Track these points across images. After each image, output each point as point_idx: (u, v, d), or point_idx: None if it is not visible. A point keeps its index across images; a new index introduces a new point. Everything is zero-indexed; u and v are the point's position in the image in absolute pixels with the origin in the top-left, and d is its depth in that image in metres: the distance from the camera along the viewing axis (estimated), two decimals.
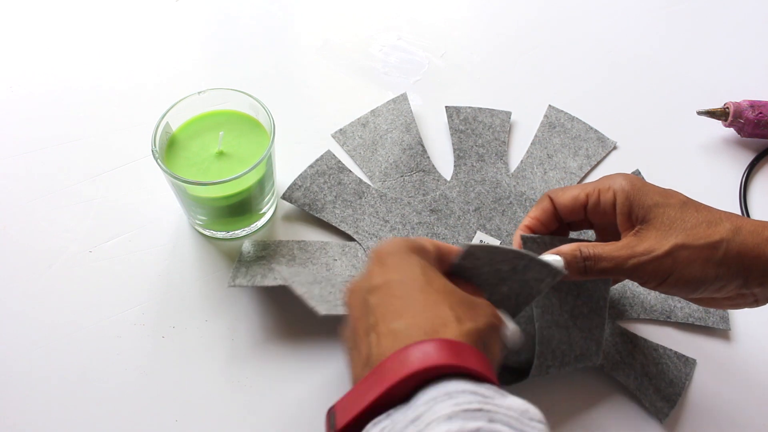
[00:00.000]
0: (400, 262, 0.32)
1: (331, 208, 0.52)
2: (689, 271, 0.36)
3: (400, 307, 0.30)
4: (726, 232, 0.36)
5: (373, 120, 0.59)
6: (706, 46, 0.69)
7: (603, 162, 0.59)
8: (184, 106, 0.48)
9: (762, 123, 0.58)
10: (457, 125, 0.58)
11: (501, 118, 0.60)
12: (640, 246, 0.37)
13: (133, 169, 0.56)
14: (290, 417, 0.44)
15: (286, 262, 0.49)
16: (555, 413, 0.45)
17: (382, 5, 0.71)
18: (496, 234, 0.53)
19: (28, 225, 0.52)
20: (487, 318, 0.32)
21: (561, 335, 0.43)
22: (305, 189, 0.53)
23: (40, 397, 0.45)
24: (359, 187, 0.54)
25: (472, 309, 0.31)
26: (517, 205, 0.54)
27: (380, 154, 0.57)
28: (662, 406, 0.45)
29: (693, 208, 0.37)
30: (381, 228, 0.52)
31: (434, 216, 0.53)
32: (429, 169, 0.56)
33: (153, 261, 0.51)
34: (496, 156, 0.57)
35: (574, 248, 0.38)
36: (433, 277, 0.32)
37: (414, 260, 0.33)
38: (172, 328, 0.48)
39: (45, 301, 0.48)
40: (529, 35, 0.69)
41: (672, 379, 0.46)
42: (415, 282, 0.31)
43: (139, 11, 0.68)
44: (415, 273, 0.32)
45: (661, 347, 0.48)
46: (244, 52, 0.66)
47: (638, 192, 0.38)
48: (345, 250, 0.51)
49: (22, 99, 0.60)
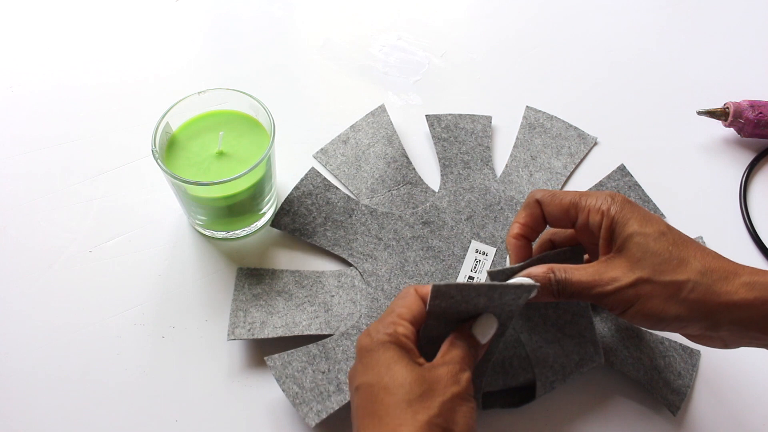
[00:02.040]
0: (372, 361, 0.36)
1: (321, 232, 0.51)
2: (650, 306, 0.36)
3: (370, 412, 0.34)
4: (693, 273, 0.35)
5: (353, 135, 0.58)
6: (706, 45, 0.69)
7: (603, 163, 0.59)
8: (184, 106, 0.48)
9: (762, 123, 0.58)
10: (439, 133, 0.58)
11: (482, 123, 0.59)
12: (607, 274, 0.37)
13: (133, 169, 0.56)
14: (290, 417, 0.44)
15: (284, 302, 0.48)
16: (558, 414, 0.45)
17: (382, 5, 0.71)
18: (491, 241, 0.52)
19: (28, 225, 0.52)
20: (444, 394, 0.34)
21: (555, 350, 0.43)
22: (293, 213, 0.51)
23: (41, 397, 0.45)
24: (348, 205, 0.52)
25: (428, 393, 0.34)
26: (508, 210, 0.54)
27: (365, 170, 0.56)
28: (674, 399, 0.45)
29: (670, 240, 0.37)
30: (375, 247, 0.51)
31: (427, 228, 0.52)
32: (416, 181, 0.55)
33: (153, 261, 0.51)
34: (482, 162, 0.57)
35: (546, 271, 0.38)
36: (395, 373, 0.35)
37: (383, 357, 0.36)
38: (172, 328, 0.48)
39: (45, 301, 0.49)
40: (529, 35, 0.69)
41: (680, 371, 0.46)
42: (380, 383, 0.35)
43: (139, 11, 0.68)
44: (381, 374, 0.35)
45: (666, 340, 0.48)
46: (244, 52, 0.66)
47: (621, 219, 0.37)
48: (341, 281, 0.50)
49: (22, 99, 0.60)
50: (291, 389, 0.43)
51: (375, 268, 0.50)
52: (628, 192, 0.56)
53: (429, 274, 0.50)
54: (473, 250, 0.52)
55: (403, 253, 0.51)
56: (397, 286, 0.50)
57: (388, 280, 0.50)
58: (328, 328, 0.47)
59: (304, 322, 0.47)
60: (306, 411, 0.43)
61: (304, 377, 0.44)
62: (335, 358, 0.45)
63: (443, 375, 0.35)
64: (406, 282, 0.50)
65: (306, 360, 0.45)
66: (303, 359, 0.45)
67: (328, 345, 0.46)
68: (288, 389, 0.43)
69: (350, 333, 0.47)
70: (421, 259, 0.51)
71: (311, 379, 0.44)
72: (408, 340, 0.37)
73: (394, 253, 0.51)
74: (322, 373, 0.44)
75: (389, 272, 0.50)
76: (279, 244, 0.52)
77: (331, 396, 0.43)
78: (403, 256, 0.51)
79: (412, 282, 0.50)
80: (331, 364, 0.45)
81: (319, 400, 0.43)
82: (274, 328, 0.46)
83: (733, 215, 0.56)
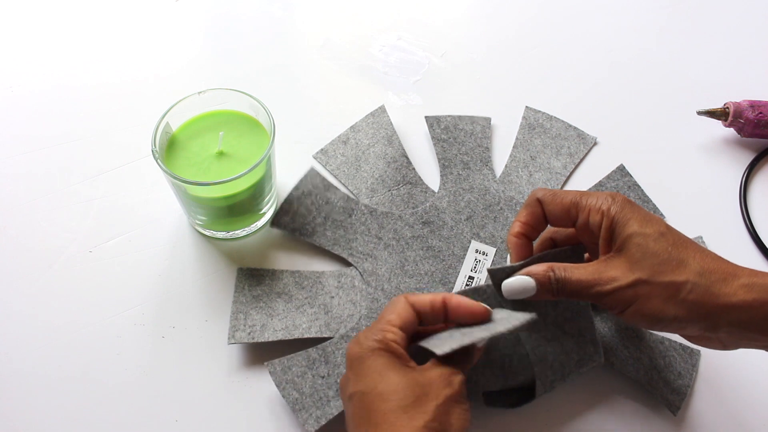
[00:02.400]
0: (363, 369, 0.36)
1: (321, 231, 0.51)
2: (648, 306, 0.36)
3: (366, 420, 0.35)
4: (692, 275, 0.35)
5: (353, 136, 0.58)
6: (706, 45, 0.69)
7: (602, 163, 0.59)
8: (184, 106, 0.48)
9: (762, 123, 0.58)
10: (438, 135, 0.58)
11: (481, 124, 0.59)
12: (606, 274, 0.37)
13: (133, 169, 0.56)
14: (290, 417, 0.44)
15: (284, 304, 0.48)
16: (558, 414, 0.45)
17: (382, 5, 0.71)
18: (491, 241, 0.52)
19: (28, 225, 0.52)
20: (438, 397, 0.35)
21: (554, 348, 0.43)
22: (293, 213, 0.51)
23: (41, 397, 0.45)
24: (348, 205, 0.52)
25: (422, 397, 0.35)
26: (508, 210, 0.54)
27: (364, 170, 0.56)
28: (674, 399, 0.45)
29: (669, 241, 0.37)
30: (375, 246, 0.51)
31: (427, 228, 0.52)
32: (416, 181, 0.56)
33: (153, 261, 0.51)
34: (481, 163, 0.57)
35: (546, 269, 0.38)
36: (388, 380, 0.35)
37: (375, 364, 0.36)
38: (172, 328, 0.48)
39: (45, 301, 0.49)
40: (529, 35, 0.69)
41: (680, 371, 0.47)
42: (374, 391, 0.35)
43: (139, 11, 0.68)
44: (374, 381, 0.35)
45: (666, 340, 0.48)
46: (244, 51, 0.66)
47: (621, 219, 0.38)
48: (341, 282, 0.50)
49: (22, 99, 0.60)
50: (291, 395, 0.44)
51: (375, 268, 0.50)
52: (628, 192, 0.56)
53: (429, 273, 0.50)
54: (473, 250, 0.52)
55: (403, 253, 0.51)
56: (397, 285, 0.50)
57: (388, 280, 0.50)
58: (328, 330, 0.47)
59: (304, 324, 0.47)
60: (305, 417, 0.43)
61: (304, 382, 0.44)
62: (335, 362, 0.45)
63: (436, 378, 0.36)
64: (406, 281, 0.50)
65: (306, 364, 0.45)
66: (302, 364, 0.45)
67: (328, 349, 0.46)
68: (288, 395, 0.44)
69: (350, 335, 0.47)
70: (421, 259, 0.51)
71: (311, 384, 0.44)
72: (398, 346, 0.37)
73: (394, 253, 0.51)
74: (322, 377, 0.44)
75: (389, 272, 0.50)
76: (279, 244, 0.52)
77: (330, 401, 0.44)
78: (403, 255, 0.51)
79: (412, 281, 0.50)
80: (330, 368, 0.45)
81: (318, 406, 0.43)
82: (274, 332, 0.46)
83: (733, 215, 0.56)
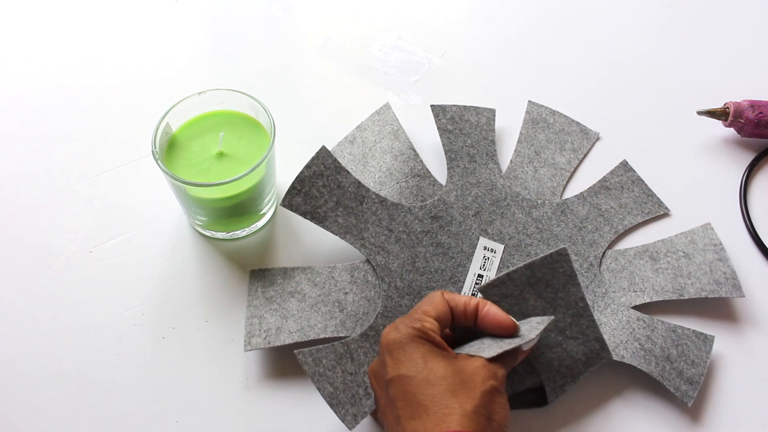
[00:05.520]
0: (406, 355, 0.37)
1: (333, 217, 0.49)
2: None
3: (413, 403, 0.35)
4: None
5: (360, 135, 0.58)
6: (706, 45, 0.69)
7: (604, 164, 0.59)
8: (185, 107, 0.48)
9: (762, 123, 0.58)
10: (444, 125, 0.57)
11: (486, 116, 0.59)
12: None
13: (133, 169, 0.56)
14: (290, 417, 0.44)
15: (297, 304, 0.48)
16: (563, 412, 0.45)
17: (382, 5, 0.71)
18: (499, 238, 0.52)
19: (28, 225, 0.52)
20: (483, 385, 0.36)
21: (558, 354, 0.43)
22: (305, 194, 0.49)
23: (41, 397, 0.45)
24: (359, 191, 0.51)
25: (469, 384, 0.36)
26: (515, 206, 0.54)
27: (372, 165, 0.56)
28: (687, 389, 0.45)
29: None
30: (386, 239, 0.50)
31: (436, 223, 0.52)
32: (424, 173, 0.55)
33: (153, 261, 0.51)
34: (487, 156, 0.57)
35: None
36: (434, 366, 0.36)
37: (417, 350, 0.37)
38: (172, 329, 0.48)
39: (45, 301, 0.49)
40: (529, 35, 0.69)
41: (693, 359, 0.46)
42: (419, 376, 0.36)
43: (139, 11, 0.68)
44: (418, 366, 0.36)
45: (679, 327, 0.47)
46: (244, 52, 0.66)
47: None
48: (354, 276, 0.49)
49: (22, 99, 0.60)
50: (326, 388, 0.42)
51: (387, 262, 0.49)
52: (632, 187, 0.56)
53: (439, 271, 0.50)
54: (482, 247, 0.52)
55: (413, 248, 0.51)
56: (410, 283, 0.49)
57: (401, 277, 0.49)
58: (344, 329, 0.46)
59: (319, 324, 0.46)
60: (343, 413, 0.42)
61: (336, 377, 0.43)
62: (359, 360, 0.44)
63: (480, 368, 0.37)
64: (418, 279, 0.49)
65: (334, 358, 0.44)
66: (331, 357, 0.44)
67: (352, 346, 0.45)
68: (323, 388, 0.42)
69: (369, 334, 0.46)
70: (431, 256, 0.50)
71: (341, 379, 0.43)
72: (435, 335, 0.38)
73: (405, 248, 0.50)
74: (350, 374, 0.43)
75: (401, 267, 0.50)
76: (279, 244, 0.52)
77: (362, 399, 0.43)
78: (413, 251, 0.50)
79: (423, 279, 0.49)
80: (356, 366, 0.44)
81: (352, 402, 0.42)
82: (289, 334, 0.46)
83: (733, 215, 0.56)
